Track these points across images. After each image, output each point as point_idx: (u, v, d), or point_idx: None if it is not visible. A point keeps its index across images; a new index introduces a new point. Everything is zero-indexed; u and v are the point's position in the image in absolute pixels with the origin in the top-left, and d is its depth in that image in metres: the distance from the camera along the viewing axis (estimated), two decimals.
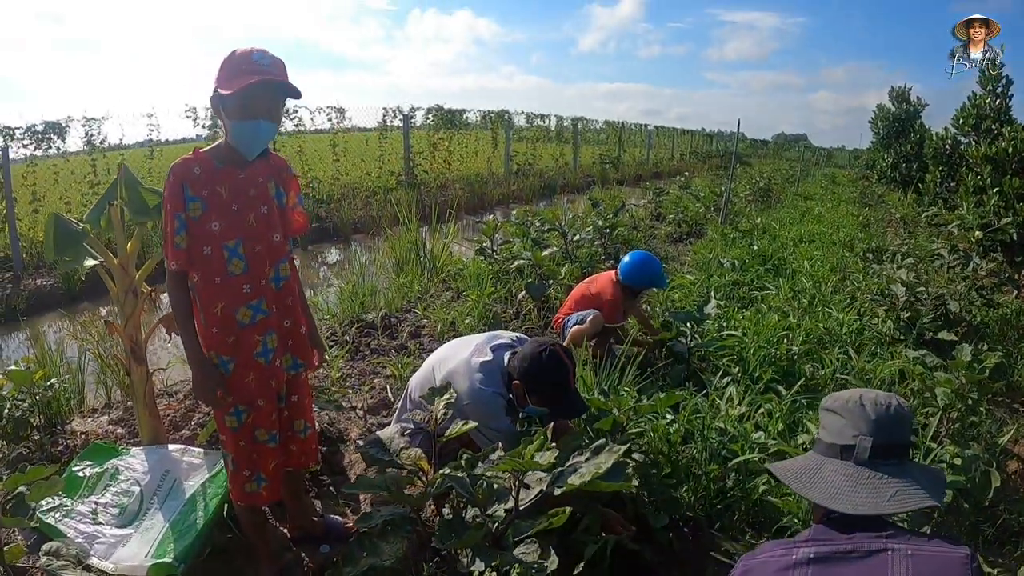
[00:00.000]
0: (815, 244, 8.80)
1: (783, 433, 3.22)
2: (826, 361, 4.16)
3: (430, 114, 16.14)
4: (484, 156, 17.77)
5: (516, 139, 19.48)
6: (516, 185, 16.31)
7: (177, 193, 2.05)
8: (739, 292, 6.02)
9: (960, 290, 6.18)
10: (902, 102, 19.94)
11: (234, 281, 2.13)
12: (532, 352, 2.58)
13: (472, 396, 2.57)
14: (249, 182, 2.16)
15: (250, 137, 2.10)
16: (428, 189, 13.89)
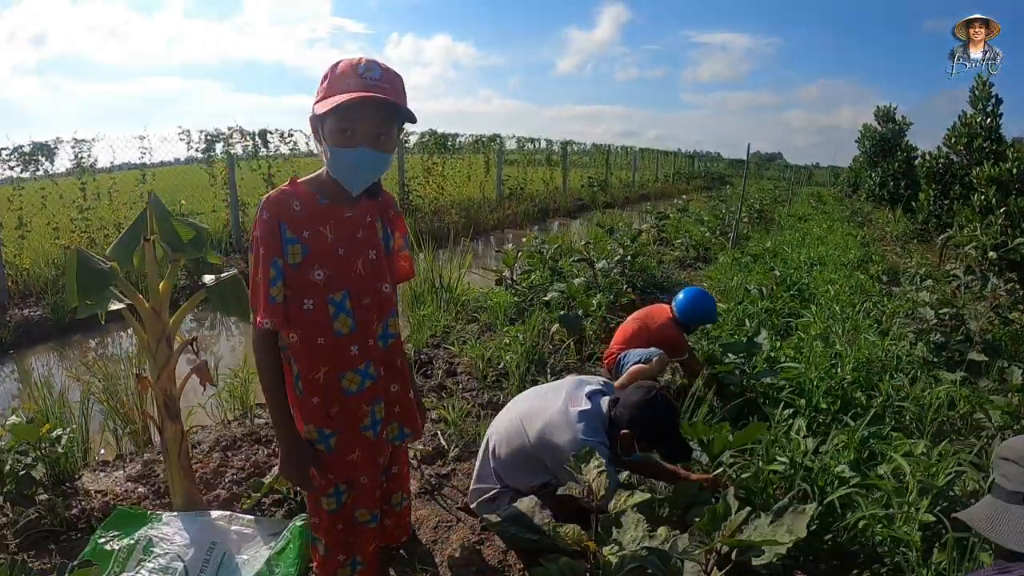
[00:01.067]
0: (829, 267, 9.00)
1: (856, 464, 3.36)
2: (881, 388, 4.31)
3: (424, 138, 16.32)
4: (476, 181, 17.98)
5: (507, 163, 19.72)
6: (510, 210, 16.52)
7: (273, 233, 1.75)
8: (773, 320, 6.17)
9: (981, 310, 6.41)
10: (888, 121, 20.54)
11: (341, 341, 1.85)
12: (642, 399, 2.59)
13: (576, 448, 2.46)
14: (357, 222, 1.88)
15: (349, 168, 1.76)
16: (423, 215, 14.00)
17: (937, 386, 4.47)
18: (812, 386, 4.20)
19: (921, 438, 3.73)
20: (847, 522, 2.91)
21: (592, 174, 24.79)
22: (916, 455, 3.33)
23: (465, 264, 7.86)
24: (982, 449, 3.61)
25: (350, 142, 1.71)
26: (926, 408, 4.10)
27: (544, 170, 21.62)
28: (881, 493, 3.07)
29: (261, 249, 1.76)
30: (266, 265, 1.75)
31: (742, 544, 1.83)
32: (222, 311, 2.66)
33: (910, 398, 4.23)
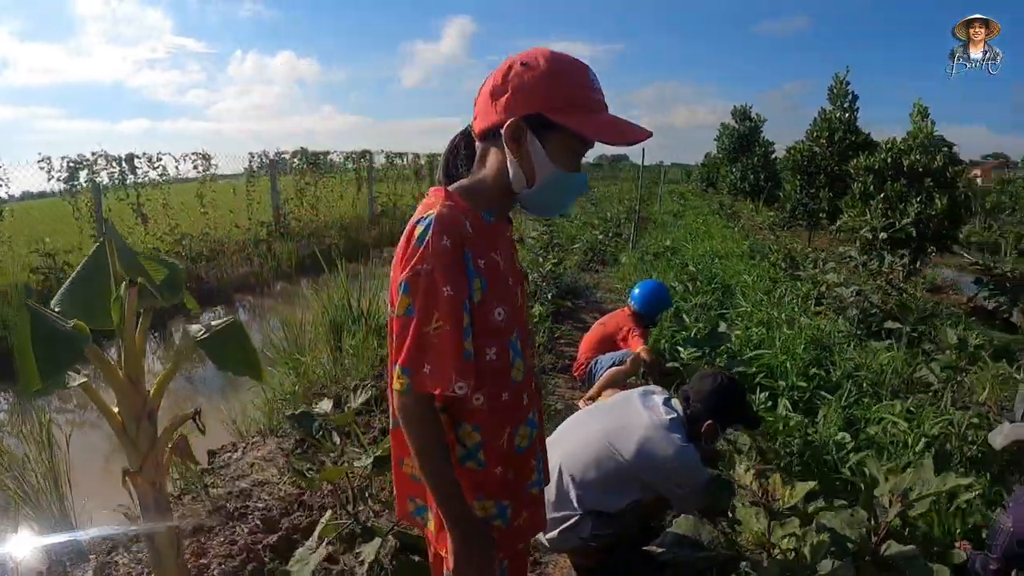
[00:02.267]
0: (732, 259, 9.83)
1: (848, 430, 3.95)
2: (837, 363, 4.96)
3: (295, 158, 16.13)
4: (349, 199, 17.94)
5: (377, 179, 19.80)
6: (387, 227, 16.61)
7: (459, 265, 1.35)
8: (708, 314, 6.77)
9: (880, 284, 7.36)
10: (744, 119, 22.44)
11: (517, 392, 1.51)
12: (714, 387, 2.74)
13: (680, 457, 2.56)
14: (511, 240, 1.60)
15: (570, 194, 1.51)
16: (299, 238, 13.83)
17: (869, 355, 5.24)
18: (785, 368, 4.75)
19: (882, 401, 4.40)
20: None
21: None
22: (897, 414, 3.99)
23: (377, 289, 7.72)
24: (936, 400, 4.47)
25: (578, 165, 1.47)
26: (879, 374, 4.81)
27: (413, 184, 21.85)
28: (877, 449, 3.66)
29: (446, 288, 1.31)
30: (456, 310, 1.32)
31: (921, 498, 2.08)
32: (226, 370, 2.18)
33: (864, 368, 4.91)
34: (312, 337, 6.41)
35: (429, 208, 1.39)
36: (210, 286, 10.57)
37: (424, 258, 1.32)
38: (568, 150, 1.42)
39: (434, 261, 1.32)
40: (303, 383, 5.08)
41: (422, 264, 1.32)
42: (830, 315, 6.66)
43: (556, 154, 1.40)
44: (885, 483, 2.00)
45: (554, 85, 1.37)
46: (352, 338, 6.03)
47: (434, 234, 1.33)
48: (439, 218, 1.34)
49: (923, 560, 1.86)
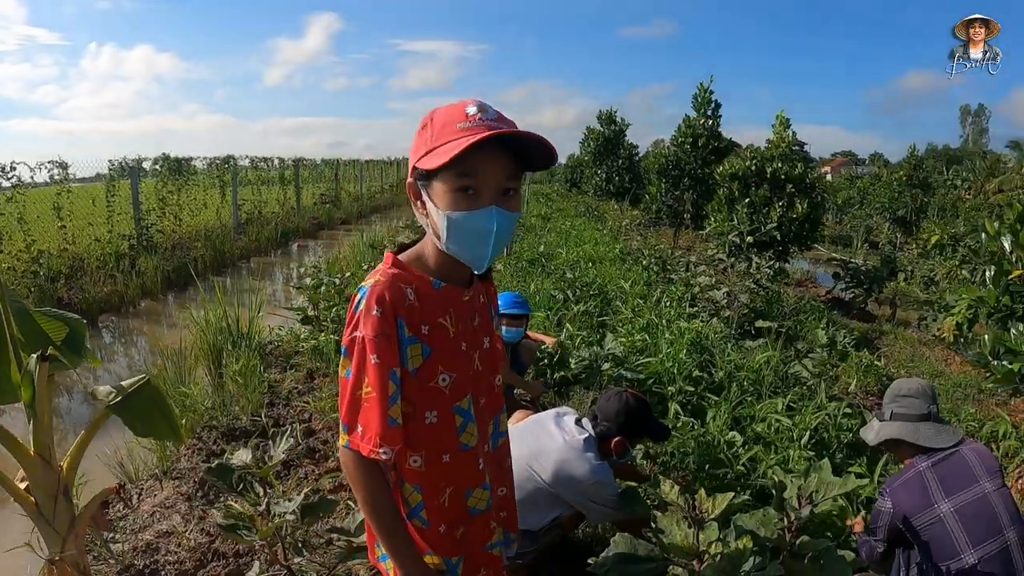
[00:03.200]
0: (606, 263, 10.23)
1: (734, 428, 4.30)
2: (719, 364, 5.34)
3: (157, 164, 15.42)
4: (213, 207, 17.30)
5: (241, 185, 19.20)
6: (253, 236, 16.16)
7: (389, 335, 1.42)
8: (591, 321, 7.05)
9: (750, 285, 7.92)
10: (610, 124, 23.36)
11: (467, 456, 1.59)
12: (620, 406, 2.96)
13: (596, 474, 2.79)
14: (473, 306, 1.62)
15: (479, 237, 1.42)
16: (163, 251, 13.19)
17: (747, 355, 5.69)
18: (673, 374, 5.06)
19: (763, 398, 4.79)
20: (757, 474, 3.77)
21: (324, 190, 24.94)
22: (780, 411, 4.38)
23: (256, 305, 7.51)
24: (810, 393, 4.98)
25: (475, 203, 1.39)
26: (758, 373, 5.23)
27: (278, 190, 21.36)
28: (764, 444, 4.03)
29: (372, 356, 1.40)
30: (382, 378, 1.41)
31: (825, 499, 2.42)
32: (146, 436, 2.10)
33: (744, 368, 5.30)
34: (191, 364, 6.11)
35: (373, 275, 1.49)
36: (72, 308, 9.68)
37: (357, 325, 1.44)
38: (447, 191, 1.40)
39: (365, 329, 1.42)
40: (190, 417, 4.89)
41: (356, 331, 1.44)
42: (704, 317, 7.10)
43: (439, 198, 1.42)
44: (792, 486, 2.25)
45: (424, 135, 1.43)
46: (236, 362, 5.79)
47: (367, 303, 1.43)
48: (373, 288, 1.44)
49: (834, 547, 2.14)
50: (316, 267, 8.38)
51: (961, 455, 2.54)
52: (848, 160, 73.06)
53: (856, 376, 5.62)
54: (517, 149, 1.43)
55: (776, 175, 9.77)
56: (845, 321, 9.47)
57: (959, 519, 2.38)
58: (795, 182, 9.75)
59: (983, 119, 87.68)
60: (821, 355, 5.35)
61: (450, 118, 1.40)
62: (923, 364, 7.68)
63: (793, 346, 6.20)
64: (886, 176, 26.20)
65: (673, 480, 2.96)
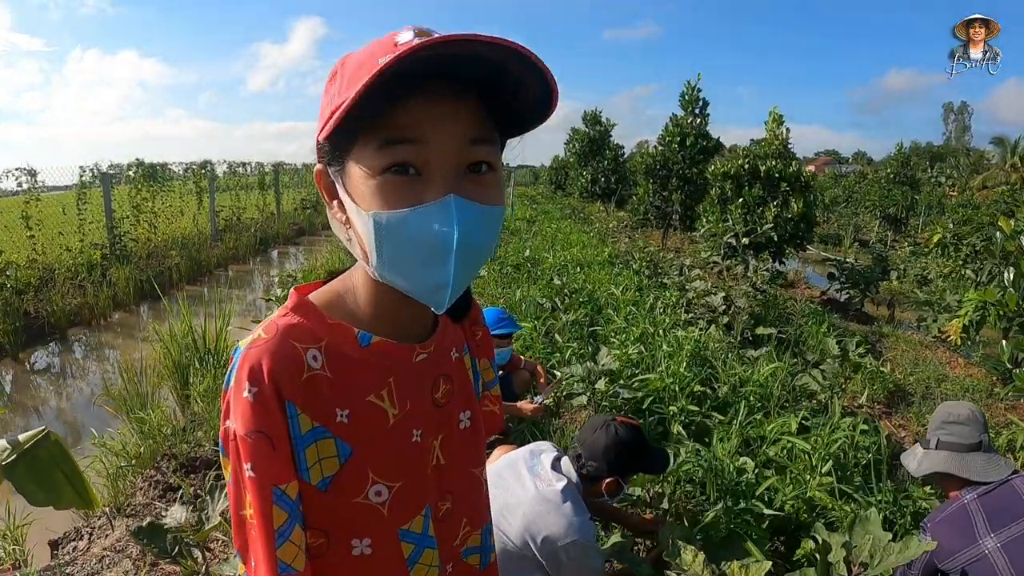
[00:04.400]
0: (595, 267, 9.92)
1: (741, 449, 3.97)
2: (722, 378, 5.01)
3: (131, 170, 15.01)
4: (190, 214, 16.91)
5: (218, 190, 18.82)
6: (231, 243, 15.79)
7: (270, 430, 0.87)
8: (581, 331, 6.73)
9: (747, 289, 7.63)
10: (595, 124, 23.15)
11: None
12: (609, 440, 2.54)
13: (580, 531, 2.34)
14: (435, 369, 1.04)
15: (431, 252, 0.83)
16: (137, 260, 12.78)
17: (751, 367, 5.36)
18: (674, 391, 4.72)
19: (772, 415, 4.47)
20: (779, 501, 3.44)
21: (305, 195, 24.55)
22: (793, 431, 4.05)
23: (225, 317, 7.10)
24: (820, 411, 4.65)
25: (418, 191, 0.82)
26: (764, 387, 4.90)
27: (257, 195, 20.98)
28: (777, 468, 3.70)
29: (247, 466, 0.87)
30: (262, 500, 0.87)
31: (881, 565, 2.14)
32: (45, 505, 1.68)
33: (749, 381, 4.98)
34: (155, 382, 5.73)
35: (261, 327, 0.93)
36: (40, 322, 9.51)
37: (228, 412, 0.89)
38: (367, 174, 0.82)
39: (235, 420, 0.87)
40: (149, 444, 4.51)
41: (228, 419, 0.89)
42: (702, 324, 6.79)
43: (357, 189, 0.84)
44: (836, 545, 1.92)
45: (331, 90, 0.87)
46: (201, 381, 5.43)
47: (237, 380, 0.87)
48: (246, 354, 0.88)
49: None
50: (291, 276, 8.05)
51: (1012, 486, 2.30)
52: (832, 159, 73.54)
53: (867, 387, 5.32)
54: (485, 86, 0.82)
55: (770, 173, 9.51)
56: (844, 324, 9.19)
57: (1007, 556, 2.14)
58: (789, 180, 9.52)
59: (966, 116, 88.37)
60: (833, 366, 5.03)
61: (370, 55, 0.81)
62: (927, 368, 7.40)
63: (801, 355, 5.88)
64: (872, 174, 26.19)
65: (677, 515, 2.66)
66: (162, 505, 3.88)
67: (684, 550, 1.97)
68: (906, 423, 5.52)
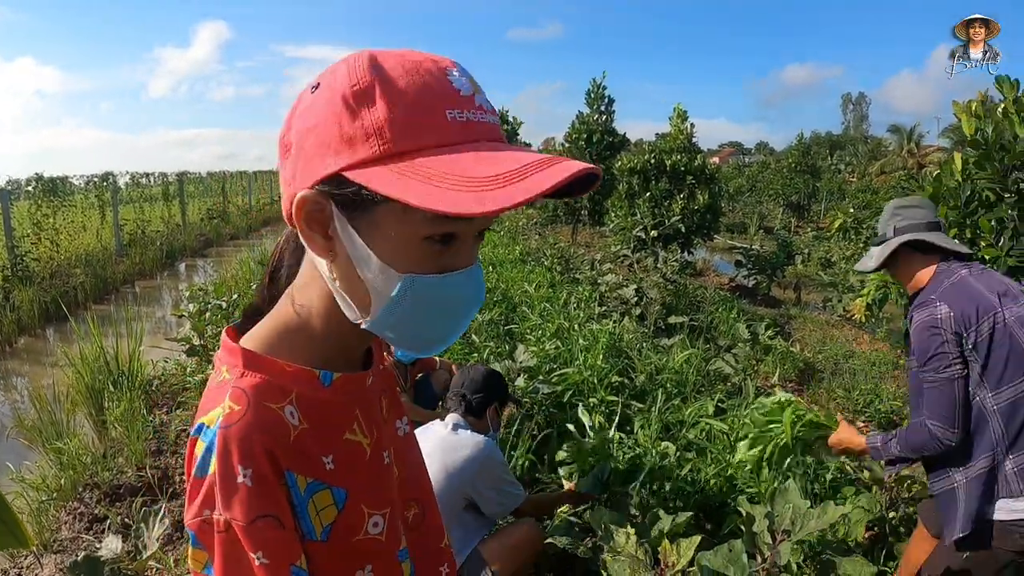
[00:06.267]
0: (507, 266, 9.98)
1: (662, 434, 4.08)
2: (638, 368, 5.12)
3: (30, 185, 14.28)
4: (93, 229, 16.19)
5: (122, 203, 18.13)
6: (136, 258, 15.20)
7: (277, 510, 0.81)
8: (497, 330, 6.76)
9: (658, 281, 7.82)
10: (503, 123, 23.14)
11: None
12: (481, 375, 2.97)
13: (488, 445, 2.72)
14: (378, 387, 1.02)
15: (454, 313, 0.86)
16: (41, 280, 12.16)
17: (666, 354, 5.51)
18: (592, 384, 4.80)
19: (689, 400, 4.61)
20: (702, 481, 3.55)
21: (210, 205, 23.86)
22: (710, 413, 4.18)
23: (136, 336, 6.89)
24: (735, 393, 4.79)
25: (452, 257, 0.82)
26: (680, 374, 5.04)
27: (162, 207, 20.28)
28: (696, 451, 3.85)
29: (256, 555, 0.79)
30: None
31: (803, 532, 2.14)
32: None
33: (665, 369, 5.11)
34: (69, 409, 5.51)
35: (217, 395, 0.83)
36: None
37: (211, 499, 0.79)
38: (410, 235, 0.77)
39: (231, 512, 0.78)
40: (69, 475, 4.33)
41: (211, 509, 0.79)
42: (615, 316, 6.92)
43: (390, 245, 0.78)
44: (759, 516, 1.99)
45: (365, 115, 0.75)
46: (117, 405, 5.23)
47: (221, 465, 0.79)
48: (226, 434, 0.79)
49: None
50: (202, 289, 7.81)
51: (989, 272, 2.24)
52: (736, 150, 75.93)
53: (778, 367, 5.53)
54: None
55: (676, 167, 9.85)
56: (753, 309, 9.52)
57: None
58: (695, 173, 9.85)
59: (863, 106, 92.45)
60: (744, 349, 5.21)
61: (431, 98, 0.74)
62: (835, 345, 7.73)
63: (713, 341, 6.08)
64: (774, 164, 27.20)
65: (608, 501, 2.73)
66: (90, 537, 3.73)
67: (617, 533, 2.01)
68: (818, 398, 5.78)
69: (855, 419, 5.39)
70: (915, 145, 34.49)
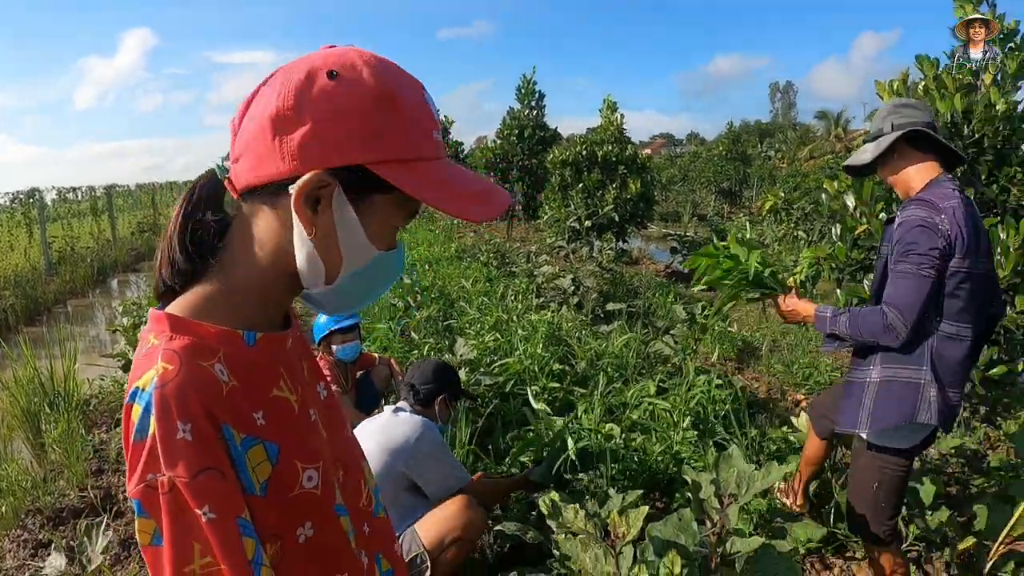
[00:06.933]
0: (443, 264, 9.93)
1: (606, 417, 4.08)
2: (578, 354, 5.12)
3: None
4: (21, 248, 15.59)
5: (50, 220, 17.51)
6: (67, 276, 14.69)
7: (217, 463, 0.83)
8: (438, 327, 6.70)
9: (594, 270, 7.86)
10: None
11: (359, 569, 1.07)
12: (431, 367, 3.06)
13: (425, 424, 2.80)
14: (300, 350, 1.07)
15: (386, 282, 1.02)
16: None
17: (605, 340, 5.52)
18: (534, 372, 4.77)
19: (631, 383, 4.62)
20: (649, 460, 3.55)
21: (140, 218, 23.21)
22: (652, 393, 4.19)
23: (70, 356, 6.62)
24: (676, 373, 4.81)
25: (394, 241, 0.99)
26: (620, 358, 5.05)
27: (91, 222, 19.64)
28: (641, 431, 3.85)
29: (202, 510, 0.80)
30: (229, 540, 0.82)
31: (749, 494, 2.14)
32: None
33: (606, 354, 5.11)
34: (6, 434, 5.40)
35: (148, 360, 0.85)
36: None
37: (153, 462, 0.80)
38: (393, 221, 0.95)
39: (173, 467, 0.79)
40: (10, 502, 4.18)
41: (154, 472, 0.80)
42: (553, 307, 6.92)
43: (377, 227, 0.93)
44: (705, 483, 1.97)
45: (389, 119, 0.87)
46: (55, 427, 5.11)
47: (159, 422, 0.80)
48: (162, 391, 0.81)
49: (770, 546, 1.87)
50: (136, 303, 7.57)
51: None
52: (667, 141, 77.11)
53: (717, 346, 5.59)
54: None
55: (608, 158, 9.99)
56: (690, 292, 9.64)
57: None
58: (626, 163, 9.98)
59: (791, 94, 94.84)
60: (682, 331, 5.26)
61: (422, 112, 0.92)
62: (773, 323, 7.85)
63: (651, 325, 6.12)
64: (705, 153, 27.74)
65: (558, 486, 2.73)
66: (36, 564, 3.63)
67: (565, 509, 1.98)
68: (758, 375, 5.86)
69: (795, 392, 5.48)
70: (842, 130, 35.59)
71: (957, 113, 3.97)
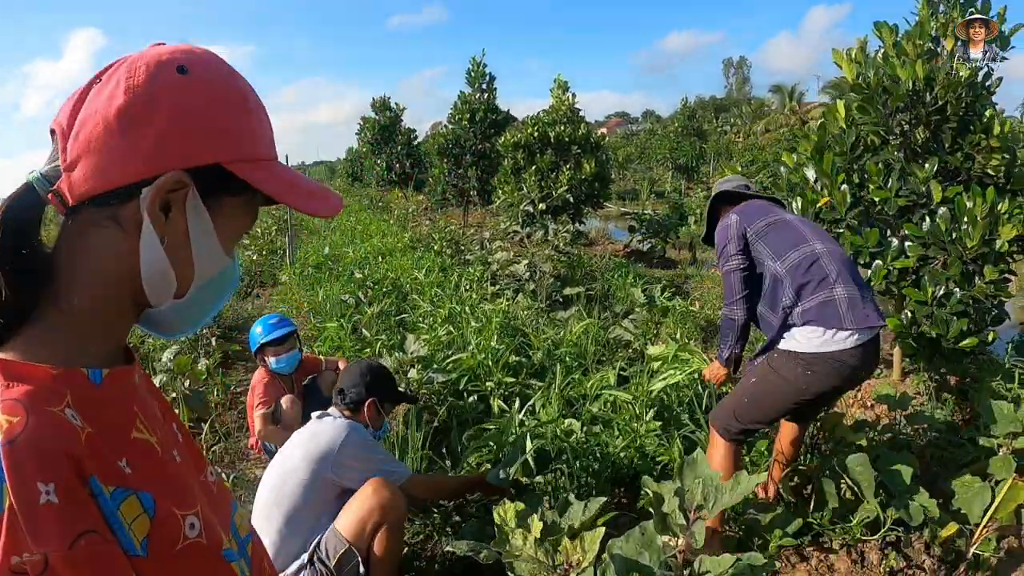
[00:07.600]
0: (396, 255, 9.68)
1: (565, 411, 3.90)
2: (535, 344, 4.92)
3: None
4: None
5: None
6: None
7: (93, 524, 0.70)
8: (389, 322, 6.46)
9: (550, 254, 7.68)
10: (385, 110, 22.85)
11: None
12: (359, 369, 2.98)
13: (351, 427, 2.75)
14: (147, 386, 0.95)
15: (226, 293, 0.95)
16: None
17: (562, 327, 5.34)
18: (488, 367, 4.57)
19: (591, 372, 4.44)
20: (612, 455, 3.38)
21: None
22: (612, 384, 4.01)
23: None
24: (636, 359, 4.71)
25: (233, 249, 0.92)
26: (579, 345, 4.88)
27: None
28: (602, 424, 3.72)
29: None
30: None
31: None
32: None
33: (563, 343, 4.93)
34: None
35: None
36: None
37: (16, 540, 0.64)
38: (240, 227, 0.89)
39: (43, 541, 0.65)
40: None
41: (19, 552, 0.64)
42: (509, 294, 6.73)
43: (227, 233, 0.87)
44: (668, 494, 1.78)
45: (242, 117, 0.84)
46: None
47: (17, 487, 0.65)
48: (15, 452, 0.66)
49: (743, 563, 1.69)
50: None
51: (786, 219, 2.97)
52: (623, 120, 77.23)
53: (679, 328, 5.44)
54: None
55: (560, 139, 9.89)
56: (650, 272, 9.53)
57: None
58: (580, 143, 9.84)
59: (745, 69, 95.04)
60: (642, 314, 5.09)
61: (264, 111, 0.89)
62: None
63: (610, 309, 5.95)
64: (661, 130, 27.78)
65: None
66: None
67: (513, 535, 1.79)
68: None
69: None
70: (796, 103, 35.86)
71: (919, 80, 3.85)
